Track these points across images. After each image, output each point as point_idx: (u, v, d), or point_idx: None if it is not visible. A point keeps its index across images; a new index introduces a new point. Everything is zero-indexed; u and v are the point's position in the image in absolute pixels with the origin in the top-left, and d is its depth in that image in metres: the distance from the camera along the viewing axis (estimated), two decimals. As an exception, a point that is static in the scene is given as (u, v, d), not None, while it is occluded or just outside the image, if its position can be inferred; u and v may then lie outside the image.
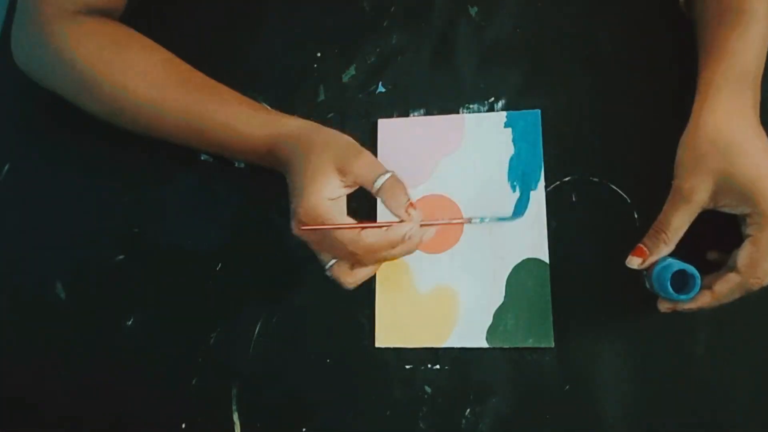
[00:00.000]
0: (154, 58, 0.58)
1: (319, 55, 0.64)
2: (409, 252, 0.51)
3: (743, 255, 0.47)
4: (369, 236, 0.49)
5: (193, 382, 0.58)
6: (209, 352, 0.58)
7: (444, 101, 0.61)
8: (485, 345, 0.55)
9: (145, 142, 0.60)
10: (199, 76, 0.58)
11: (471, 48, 0.62)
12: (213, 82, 0.58)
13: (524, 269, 0.56)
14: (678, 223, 0.48)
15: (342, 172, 0.50)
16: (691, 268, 0.48)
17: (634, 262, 0.50)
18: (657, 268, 0.49)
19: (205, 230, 0.61)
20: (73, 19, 0.58)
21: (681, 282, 0.48)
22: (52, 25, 0.58)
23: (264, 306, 0.58)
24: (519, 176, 0.58)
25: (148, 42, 0.59)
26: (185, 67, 0.58)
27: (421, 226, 0.51)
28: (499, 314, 0.55)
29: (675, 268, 0.48)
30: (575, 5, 0.62)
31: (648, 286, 0.51)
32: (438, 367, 0.55)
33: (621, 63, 0.59)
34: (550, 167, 0.58)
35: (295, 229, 0.51)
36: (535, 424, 0.53)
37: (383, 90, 0.62)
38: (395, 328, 0.56)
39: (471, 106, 0.61)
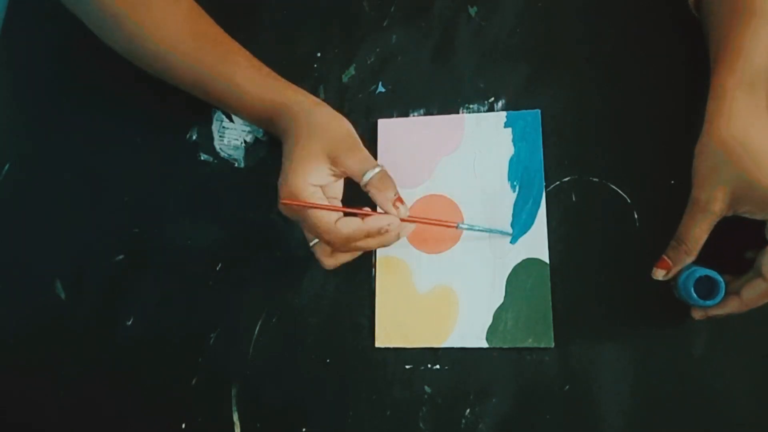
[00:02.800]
0: (177, 8, 0.58)
1: (319, 55, 0.64)
2: (387, 244, 0.53)
3: (767, 260, 0.46)
4: (344, 227, 0.50)
5: (193, 382, 0.58)
6: (209, 352, 0.58)
7: (444, 101, 0.61)
8: (485, 345, 0.55)
9: (145, 142, 0.60)
10: (216, 32, 0.58)
11: (471, 48, 0.62)
12: (229, 39, 0.58)
13: (524, 269, 0.56)
14: (698, 233, 0.48)
15: (333, 161, 0.51)
16: (714, 274, 0.48)
17: (658, 274, 0.50)
18: (682, 276, 0.49)
19: (205, 230, 0.61)
20: None
21: (707, 288, 0.48)
22: None
23: (264, 306, 0.58)
24: (519, 176, 0.58)
25: None
26: (206, 20, 0.59)
27: (402, 221, 0.52)
28: (499, 314, 0.55)
29: (699, 275, 0.48)
30: (575, 5, 0.62)
31: (677, 295, 0.51)
32: (438, 367, 0.55)
33: (621, 63, 0.59)
34: (550, 167, 0.58)
35: (279, 205, 0.52)
36: (535, 424, 0.53)
37: (383, 90, 0.62)
38: (395, 328, 0.56)
39: (471, 106, 0.61)
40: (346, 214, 0.51)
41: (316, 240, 0.52)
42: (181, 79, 0.58)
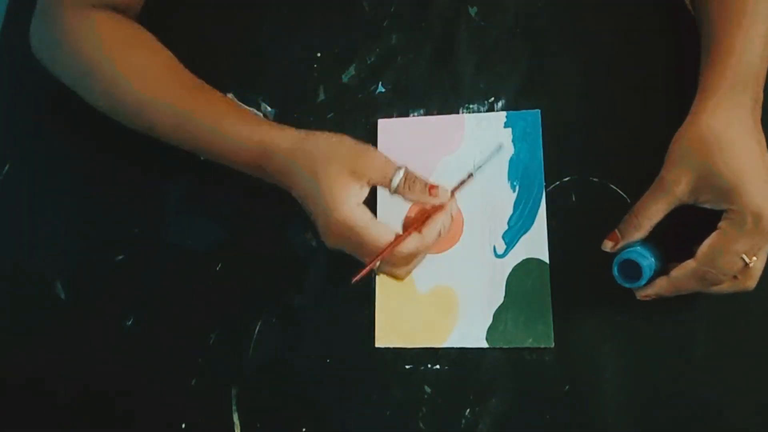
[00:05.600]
0: (157, 59, 0.58)
1: (319, 55, 0.64)
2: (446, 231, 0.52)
3: (705, 244, 0.47)
4: (406, 248, 0.50)
5: (193, 382, 0.58)
6: (209, 352, 0.58)
7: (444, 101, 0.61)
8: (485, 345, 0.55)
9: (145, 142, 0.60)
10: (197, 81, 0.58)
11: (471, 48, 0.62)
12: (210, 88, 0.58)
13: (524, 269, 0.56)
14: (653, 211, 0.49)
15: (356, 175, 0.50)
16: (637, 256, 0.49)
17: (607, 245, 0.51)
18: (621, 254, 0.50)
19: (205, 230, 0.61)
20: (88, 13, 0.59)
21: (635, 270, 0.49)
22: (67, 14, 0.59)
23: (264, 306, 0.58)
24: (519, 176, 0.58)
25: (156, 44, 0.59)
26: (185, 71, 0.59)
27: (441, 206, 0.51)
28: (499, 314, 0.55)
29: (624, 258, 0.49)
30: (575, 5, 0.62)
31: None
32: (438, 367, 0.55)
33: (621, 63, 0.59)
34: (550, 167, 0.58)
35: (328, 242, 0.51)
36: (535, 424, 0.53)
37: (383, 90, 0.62)
38: (395, 328, 0.56)
39: (471, 106, 0.61)
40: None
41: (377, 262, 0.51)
42: (162, 125, 0.57)
